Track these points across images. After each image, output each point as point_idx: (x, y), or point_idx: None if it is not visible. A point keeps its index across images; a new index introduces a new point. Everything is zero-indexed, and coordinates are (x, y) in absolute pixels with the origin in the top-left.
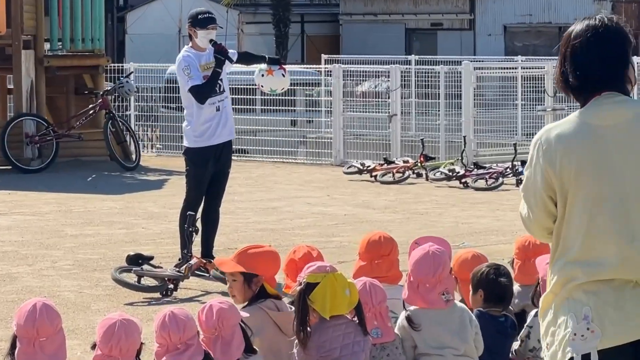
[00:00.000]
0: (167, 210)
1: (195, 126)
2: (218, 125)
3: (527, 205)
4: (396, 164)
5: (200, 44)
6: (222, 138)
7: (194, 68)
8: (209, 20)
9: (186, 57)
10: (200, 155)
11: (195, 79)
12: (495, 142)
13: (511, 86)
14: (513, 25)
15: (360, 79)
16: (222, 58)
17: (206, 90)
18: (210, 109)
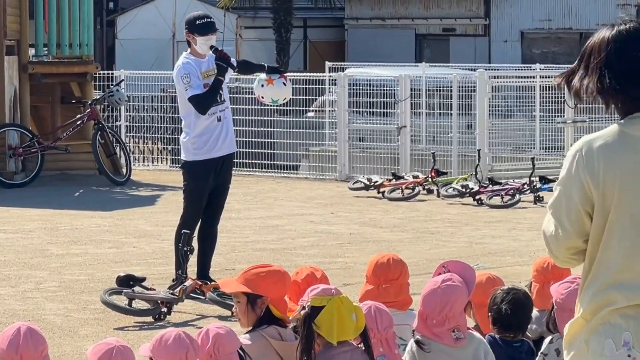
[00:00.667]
0: (160, 228)
1: (195, 138)
2: (219, 137)
3: (556, 223)
4: (405, 179)
5: (199, 50)
6: (223, 151)
7: (193, 76)
8: (208, 26)
9: (185, 65)
10: (200, 168)
11: (196, 88)
12: (512, 156)
13: (529, 96)
14: (531, 31)
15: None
16: (224, 65)
17: (207, 100)
18: (211, 120)
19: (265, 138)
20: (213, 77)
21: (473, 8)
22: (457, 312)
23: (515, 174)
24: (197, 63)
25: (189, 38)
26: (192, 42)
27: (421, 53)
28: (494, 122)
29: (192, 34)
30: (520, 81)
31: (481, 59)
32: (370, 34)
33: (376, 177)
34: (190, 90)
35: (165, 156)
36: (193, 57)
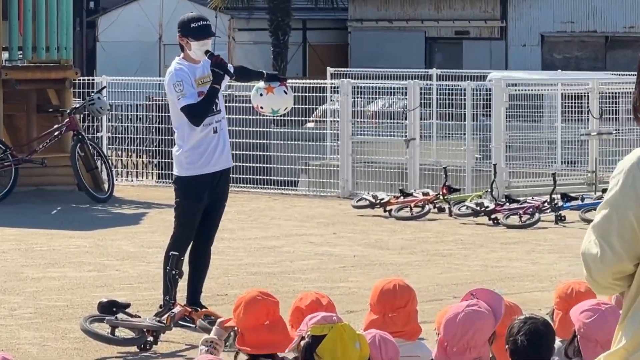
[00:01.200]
0: (146, 249)
1: (188, 151)
2: (215, 150)
3: (603, 244)
4: (414, 196)
5: (194, 55)
6: (219, 165)
7: (187, 84)
8: (203, 30)
9: (178, 71)
10: (194, 185)
11: (189, 97)
12: (531, 172)
13: (550, 106)
14: (552, 34)
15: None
16: (220, 73)
17: (202, 110)
18: (206, 132)
19: (261, 151)
20: (208, 84)
21: (488, 9)
22: (480, 342)
23: (534, 191)
24: (190, 69)
25: (182, 42)
26: (186, 47)
27: (431, 58)
28: (511, 134)
29: (186, 37)
30: (541, 89)
31: (497, 65)
32: (376, 37)
33: (382, 194)
34: (183, 99)
35: (150, 170)
36: (186, 63)
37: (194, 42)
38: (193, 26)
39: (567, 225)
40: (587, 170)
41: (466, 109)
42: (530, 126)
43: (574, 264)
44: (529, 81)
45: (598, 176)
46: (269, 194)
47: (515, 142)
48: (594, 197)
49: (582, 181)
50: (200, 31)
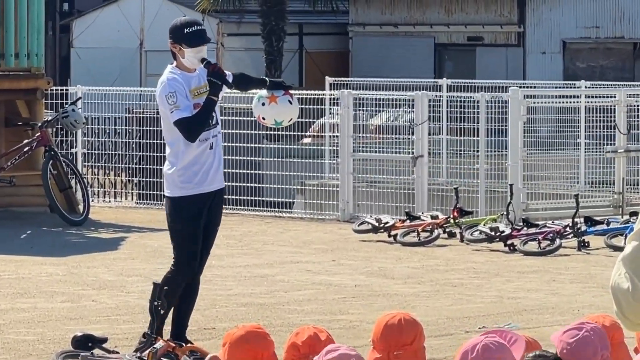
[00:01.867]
0: (125, 278)
1: (182, 170)
2: (211, 167)
3: (634, 278)
4: (422, 220)
5: (188, 64)
6: (215, 185)
7: (181, 95)
8: (198, 36)
9: (171, 81)
10: (190, 206)
11: (184, 110)
12: (551, 193)
13: (572, 120)
14: (575, 40)
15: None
16: (218, 83)
17: (198, 124)
18: (202, 148)
19: (252, 169)
20: (204, 95)
21: (504, 12)
22: None
23: (555, 214)
24: (185, 79)
25: (174, 49)
26: (179, 55)
27: (441, 66)
28: (529, 151)
29: (179, 44)
30: (562, 102)
31: (514, 74)
32: (380, 43)
33: (387, 217)
34: (177, 112)
35: (130, 190)
36: (180, 72)
37: (187, 49)
38: (186, 32)
39: (591, 253)
40: (614, 191)
41: (480, 123)
42: (551, 142)
43: (598, 295)
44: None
45: (625, 198)
46: (261, 216)
47: (534, 160)
48: (621, 221)
49: (607, 203)
50: (195, 37)
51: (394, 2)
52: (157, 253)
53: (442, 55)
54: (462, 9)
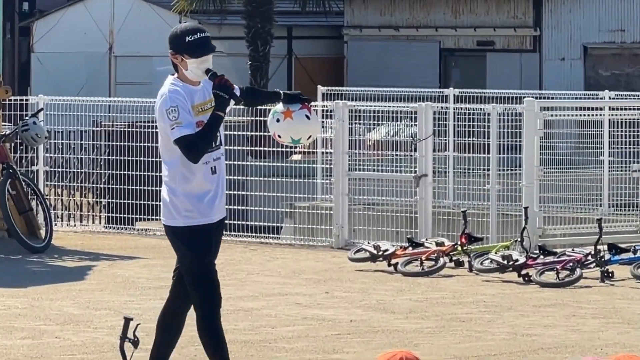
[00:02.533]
0: (92, 311)
1: (184, 197)
2: (216, 194)
3: None
4: (426, 247)
5: (191, 76)
6: (219, 214)
7: (183, 110)
8: (201, 44)
9: (173, 94)
10: (199, 235)
11: (186, 126)
12: (571, 217)
13: (594, 135)
14: (597, 45)
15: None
16: (225, 97)
17: (202, 143)
18: (203, 171)
19: (235, 190)
20: (209, 112)
21: (518, 14)
22: None
23: (575, 241)
24: (188, 92)
25: (175, 60)
26: (180, 66)
27: (447, 75)
28: (546, 170)
29: (181, 54)
30: (583, 114)
31: (529, 83)
32: (378, 48)
33: (386, 244)
34: (178, 129)
35: (98, 213)
36: (182, 84)
37: (190, 59)
38: (188, 40)
39: (616, 284)
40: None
41: (491, 138)
42: (570, 160)
43: (624, 331)
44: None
45: None
46: (245, 242)
47: (552, 179)
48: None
49: (634, 229)
50: (198, 46)
51: (394, 2)
52: (128, 284)
53: (448, 61)
54: (470, 9)
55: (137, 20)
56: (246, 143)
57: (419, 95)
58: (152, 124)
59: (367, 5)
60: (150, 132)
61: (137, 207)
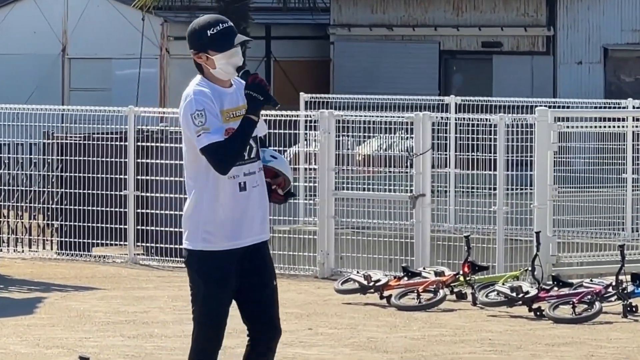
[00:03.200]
0: (43, 350)
1: (205, 215)
2: (244, 216)
3: None
4: (423, 277)
5: (221, 75)
6: (252, 236)
7: (211, 114)
8: (227, 35)
9: (199, 96)
10: (214, 263)
11: (215, 132)
12: (589, 243)
13: (616, 149)
14: (619, 47)
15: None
16: (259, 98)
17: (233, 151)
18: (231, 187)
19: None
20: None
21: (529, 11)
22: None
23: (593, 270)
24: (217, 94)
25: (199, 60)
26: (207, 66)
27: (448, 80)
28: (561, 190)
29: (205, 52)
30: (603, 126)
31: (542, 90)
32: (370, 49)
33: (378, 274)
34: (205, 135)
35: (50, 237)
36: (210, 86)
37: (217, 55)
38: (211, 33)
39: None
40: None
41: (498, 153)
42: (589, 178)
43: None
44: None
45: None
46: None
47: (567, 200)
48: None
49: None
50: (223, 38)
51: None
52: (83, 318)
53: (449, 65)
54: (475, 6)
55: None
56: None
57: (415, 104)
58: (111, 136)
59: (356, 1)
60: (109, 145)
61: (94, 231)
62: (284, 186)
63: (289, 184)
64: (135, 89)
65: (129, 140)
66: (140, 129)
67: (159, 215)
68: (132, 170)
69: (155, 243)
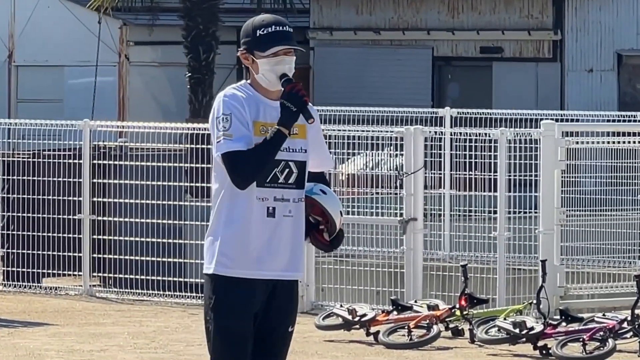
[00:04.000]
0: None
1: (225, 235)
2: (270, 244)
3: None
4: (415, 311)
5: (264, 82)
6: (276, 270)
7: (238, 120)
8: (275, 37)
9: (229, 100)
10: (232, 291)
11: (238, 140)
12: (601, 272)
13: (631, 168)
14: (635, 52)
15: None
16: (292, 109)
17: (254, 164)
18: (257, 209)
19: (170, 237)
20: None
21: (534, 13)
22: None
23: (606, 304)
24: (253, 102)
25: (246, 62)
26: (252, 69)
27: (443, 90)
28: (569, 213)
29: (251, 52)
30: (617, 141)
31: (548, 101)
32: (354, 55)
33: (364, 308)
34: (226, 142)
35: None
36: (251, 91)
37: (261, 59)
38: (260, 34)
39: None
40: None
41: (498, 172)
42: (601, 200)
43: None
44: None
45: None
46: (182, 305)
47: (577, 225)
48: None
49: None
50: (272, 40)
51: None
52: (33, 358)
53: (443, 73)
54: (472, 7)
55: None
56: (183, 177)
57: (406, 117)
58: (64, 153)
59: (339, 2)
60: (62, 163)
61: (45, 260)
62: (330, 229)
63: (334, 228)
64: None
65: (83, 158)
66: (96, 145)
67: (117, 241)
68: (88, 192)
69: (114, 273)
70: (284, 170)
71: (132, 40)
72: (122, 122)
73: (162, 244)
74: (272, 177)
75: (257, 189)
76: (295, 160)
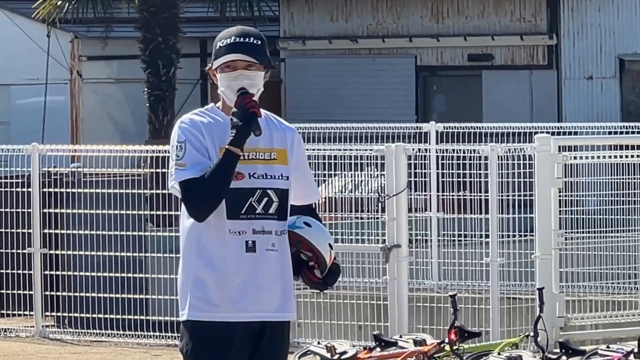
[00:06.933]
0: None
1: (197, 275)
2: (252, 282)
3: None
4: (400, 347)
5: (226, 99)
6: (263, 311)
7: (192, 147)
8: (232, 47)
9: (185, 126)
10: (210, 339)
11: (190, 169)
12: (604, 300)
13: (636, 185)
14: (637, 57)
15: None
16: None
17: (207, 191)
18: (234, 244)
19: (130, 271)
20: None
21: (527, 16)
22: None
23: (611, 335)
24: (218, 127)
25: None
26: (215, 82)
27: (428, 102)
28: (569, 236)
29: (213, 65)
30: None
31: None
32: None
33: (344, 345)
34: (177, 172)
35: None
36: (218, 115)
37: (220, 72)
38: (220, 46)
39: None
40: None
41: (489, 191)
42: (603, 220)
43: None
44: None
45: None
46: (144, 346)
47: (576, 248)
48: None
49: None
50: (226, 50)
51: (350, 2)
52: None
53: (428, 84)
54: (459, 10)
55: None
56: (144, 205)
57: (387, 133)
58: (10, 181)
59: (311, 8)
60: (8, 192)
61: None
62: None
63: (325, 264)
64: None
65: (32, 186)
66: (46, 172)
67: (72, 277)
68: (38, 223)
69: (69, 312)
70: (261, 199)
71: (85, 55)
72: (75, 146)
73: (121, 278)
74: (248, 208)
75: (230, 222)
76: (275, 188)
